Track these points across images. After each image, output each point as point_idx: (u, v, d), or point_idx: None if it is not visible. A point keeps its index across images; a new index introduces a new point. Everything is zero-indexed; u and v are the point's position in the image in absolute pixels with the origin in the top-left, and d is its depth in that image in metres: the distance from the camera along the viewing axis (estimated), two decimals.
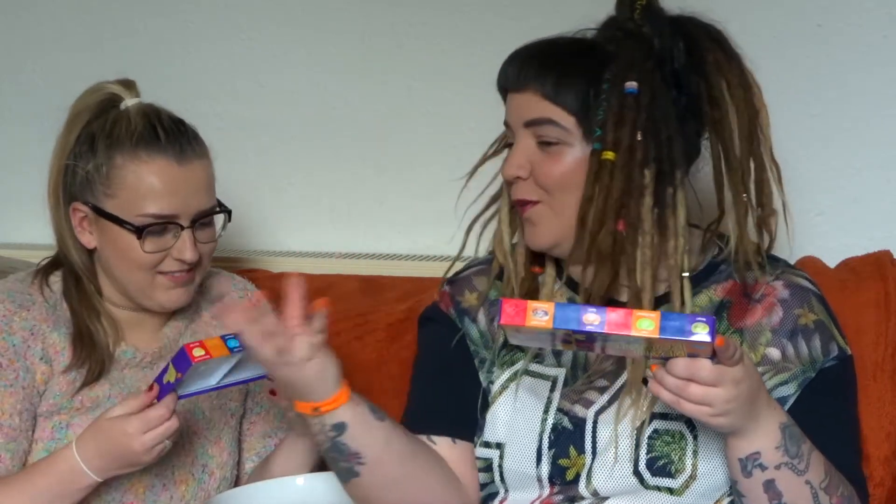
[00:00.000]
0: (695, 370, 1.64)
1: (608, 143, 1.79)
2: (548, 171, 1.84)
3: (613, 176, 1.78)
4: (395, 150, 2.65)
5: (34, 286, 2.10)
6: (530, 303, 1.62)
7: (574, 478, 1.86)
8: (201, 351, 1.87)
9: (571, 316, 1.61)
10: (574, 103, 1.82)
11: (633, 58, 1.81)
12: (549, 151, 1.84)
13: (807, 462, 1.75)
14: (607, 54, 1.83)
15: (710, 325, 1.59)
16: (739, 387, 1.66)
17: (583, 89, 1.81)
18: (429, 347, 2.04)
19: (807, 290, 1.91)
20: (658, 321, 1.59)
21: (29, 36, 2.78)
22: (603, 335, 1.61)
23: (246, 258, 2.60)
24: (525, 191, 1.86)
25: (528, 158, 1.85)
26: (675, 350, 1.63)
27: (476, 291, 1.99)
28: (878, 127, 2.37)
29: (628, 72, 1.80)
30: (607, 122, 1.79)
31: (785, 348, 1.87)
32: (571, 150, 1.83)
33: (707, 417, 1.67)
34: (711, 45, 1.84)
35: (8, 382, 2.02)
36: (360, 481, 1.83)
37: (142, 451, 1.93)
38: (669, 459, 1.83)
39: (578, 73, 1.82)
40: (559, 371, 1.90)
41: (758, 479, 1.74)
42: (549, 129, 1.83)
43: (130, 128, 2.04)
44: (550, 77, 1.82)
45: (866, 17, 2.36)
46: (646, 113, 1.79)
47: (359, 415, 1.80)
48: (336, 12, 2.65)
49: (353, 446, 1.80)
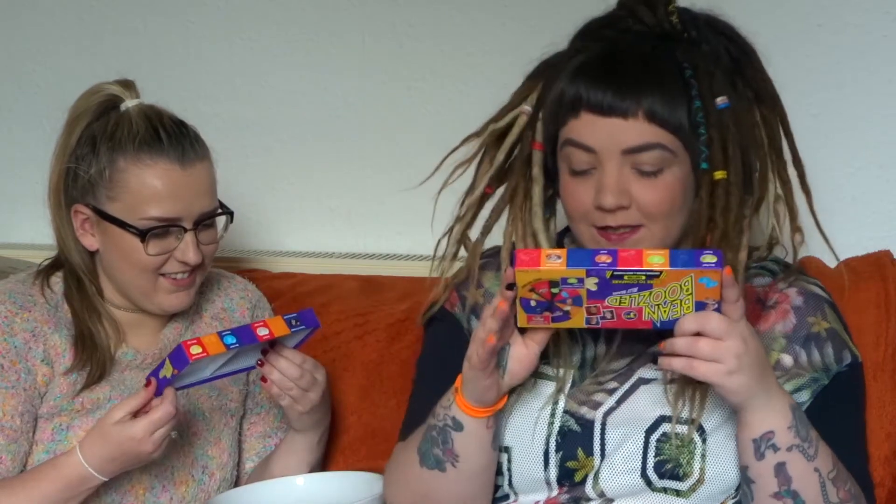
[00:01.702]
0: (704, 320, 1.66)
1: (717, 161, 1.77)
2: (647, 197, 1.79)
3: (730, 194, 1.78)
4: (395, 151, 2.65)
5: (35, 287, 2.10)
6: (543, 249, 1.67)
7: (582, 480, 1.86)
8: (199, 349, 1.89)
9: (584, 257, 1.66)
10: (679, 125, 1.78)
11: (706, 68, 1.79)
12: (650, 177, 1.79)
13: (816, 448, 1.75)
14: (680, 65, 1.80)
15: (717, 256, 1.63)
16: (748, 343, 1.68)
17: (684, 108, 1.78)
18: (433, 348, 2.04)
19: (820, 298, 1.91)
20: (668, 255, 1.64)
21: (29, 36, 2.78)
22: (610, 288, 1.65)
23: (246, 258, 2.60)
24: (626, 217, 1.81)
25: (625, 186, 1.79)
26: (683, 304, 1.66)
27: (482, 287, 1.99)
28: (877, 127, 2.37)
29: (712, 84, 1.79)
30: (713, 140, 1.77)
31: (798, 355, 1.87)
32: (673, 173, 1.79)
33: (723, 377, 1.68)
34: (743, 45, 1.86)
35: (9, 384, 2.02)
36: (438, 476, 1.85)
37: (153, 450, 1.94)
38: (678, 463, 1.83)
39: (675, 91, 1.78)
40: (567, 373, 1.89)
41: (769, 461, 1.74)
42: (653, 155, 1.78)
43: (132, 130, 2.03)
44: (656, 99, 1.77)
45: (866, 17, 2.36)
46: (735, 126, 1.79)
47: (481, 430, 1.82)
48: (336, 12, 2.65)
49: (458, 447, 1.83)
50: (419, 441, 1.87)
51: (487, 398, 1.79)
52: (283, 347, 2.01)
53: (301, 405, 2.04)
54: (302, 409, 2.05)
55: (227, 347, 1.90)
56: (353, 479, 2.05)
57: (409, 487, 1.89)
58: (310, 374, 2.03)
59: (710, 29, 1.85)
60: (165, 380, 1.92)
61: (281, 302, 2.36)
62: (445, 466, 1.84)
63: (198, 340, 1.90)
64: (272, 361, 2.00)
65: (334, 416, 2.25)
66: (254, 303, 2.27)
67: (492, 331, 1.72)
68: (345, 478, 2.07)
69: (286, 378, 2.01)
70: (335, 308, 2.39)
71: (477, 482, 1.87)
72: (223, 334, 1.91)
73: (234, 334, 1.92)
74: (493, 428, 1.83)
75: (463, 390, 1.80)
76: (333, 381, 2.31)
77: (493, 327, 1.72)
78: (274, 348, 2.00)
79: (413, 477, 1.88)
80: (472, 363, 1.76)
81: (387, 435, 2.24)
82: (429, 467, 1.86)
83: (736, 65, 1.84)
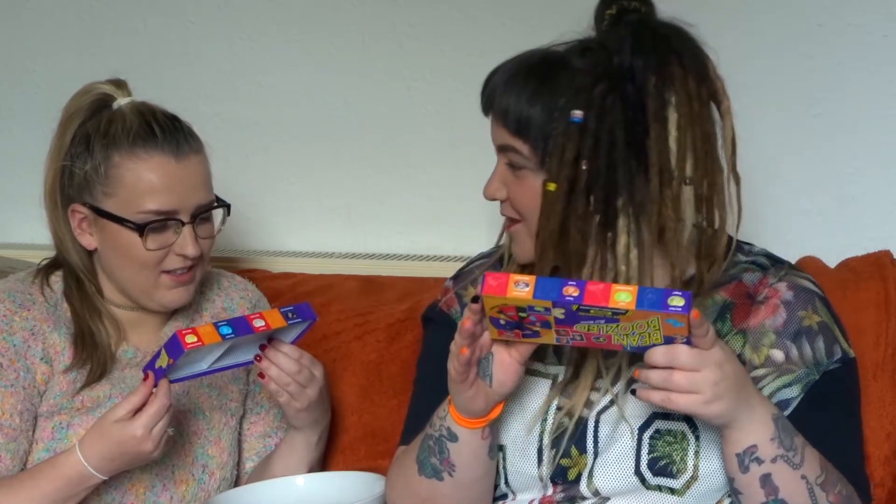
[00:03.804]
0: (673, 355, 1.66)
1: (552, 173, 1.78)
2: (516, 195, 1.85)
3: (554, 207, 1.78)
4: (394, 150, 2.65)
5: (35, 286, 2.10)
6: (512, 275, 1.65)
7: (576, 477, 1.86)
8: (194, 338, 1.89)
9: (552, 287, 1.64)
10: (531, 134, 1.81)
11: (584, 82, 1.78)
12: (518, 176, 1.85)
13: (801, 456, 1.75)
14: (567, 75, 1.80)
15: (686, 299, 1.61)
16: (724, 369, 1.67)
17: (540, 119, 1.80)
18: (430, 350, 2.04)
19: (811, 292, 1.91)
20: (636, 294, 1.62)
21: (29, 36, 2.78)
22: (577, 318, 1.64)
23: (246, 258, 2.60)
24: (508, 209, 1.88)
25: (503, 181, 1.87)
26: (651, 336, 1.65)
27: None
28: (878, 127, 2.37)
29: (577, 98, 1.77)
30: (553, 152, 1.78)
31: (788, 350, 1.86)
32: (534, 176, 1.82)
33: (701, 407, 1.67)
34: (669, 58, 1.78)
35: (8, 382, 2.02)
36: (437, 484, 1.85)
37: (153, 448, 1.94)
38: (671, 460, 1.83)
39: (537, 101, 1.80)
40: (559, 369, 1.90)
41: (755, 473, 1.74)
42: (514, 157, 1.84)
43: (126, 126, 2.04)
44: (511, 107, 1.82)
45: (866, 18, 2.35)
46: (591, 140, 1.76)
47: (475, 440, 1.82)
48: (336, 12, 2.65)
49: (454, 457, 1.83)
50: (417, 449, 1.88)
51: (475, 408, 1.79)
52: (280, 343, 2.01)
53: (299, 401, 2.04)
54: (300, 405, 2.05)
55: (222, 337, 1.91)
56: (353, 479, 2.05)
57: (411, 493, 1.90)
58: (307, 369, 2.03)
59: (633, 41, 1.78)
60: (161, 370, 1.92)
61: (281, 302, 2.36)
62: (443, 476, 1.85)
63: (193, 330, 1.90)
64: (270, 357, 2.00)
65: (334, 416, 2.25)
66: (254, 302, 2.27)
67: (462, 344, 1.73)
68: (345, 478, 2.07)
69: (284, 373, 2.01)
70: (335, 308, 2.39)
71: (475, 489, 1.88)
72: (219, 325, 1.92)
73: (230, 325, 1.93)
74: (488, 438, 1.83)
75: (453, 402, 1.81)
76: (333, 381, 2.31)
77: (462, 342, 1.73)
78: (271, 343, 2.01)
79: (413, 483, 1.89)
80: (450, 376, 1.77)
81: (387, 435, 2.24)
82: (427, 476, 1.86)
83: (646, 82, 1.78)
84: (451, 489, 1.86)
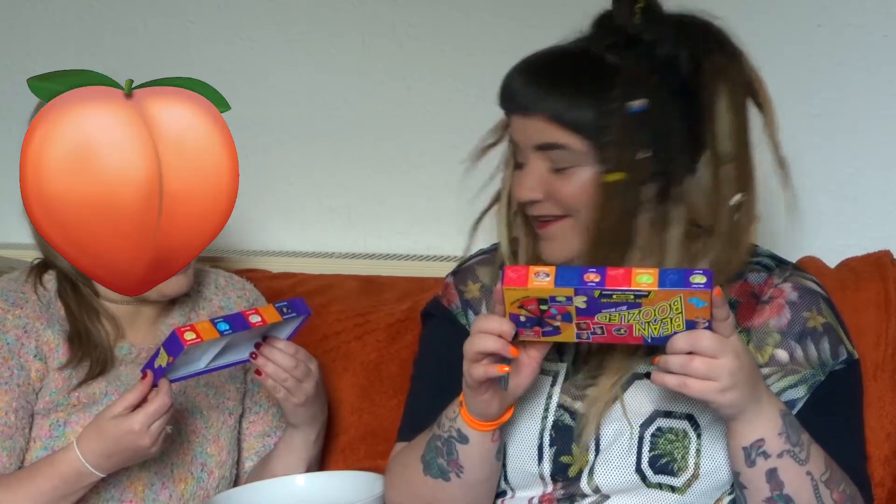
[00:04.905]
0: (695, 340, 1.66)
1: (613, 164, 1.78)
2: (561, 192, 1.82)
3: (616, 197, 1.78)
4: (394, 150, 2.65)
5: (28, 284, 2.11)
6: (532, 266, 1.66)
7: (576, 475, 1.86)
8: (192, 335, 1.90)
9: (573, 275, 1.64)
10: (585, 127, 1.79)
11: (638, 72, 1.79)
12: (564, 173, 1.82)
13: (807, 452, 1.75)
14: (610, 68, 1.80)
15: (707, 276, 1.62)
16: (741, 359, 1.68)
17: (592, 111, 1.79)
18: (429, 345, 2.04)
19: (815, 294, 1.91)
20: (657, 275, 1.63)
21: (29, 36, 2.78)
22: (599, 306, 1.64)
23: (246, 258, 2.60)
24: (547, 208, 1.85)
25: (540, 180, 1.83)
26: (673, 322, 1.65)
27: (479, 282, 2.00)
28: (878, 127, 2.37)
29: (634, 88, 1.78)
30: (614, 143, 1.78)
31: (793, 350, 1.87)
32: (584, 171, 1.81)
33: (716, 395, 1.68)
34: (712, 47, 1.82)
35: (2, 380, 2.03)
36: (443, 485, 1.85)
37: (151, 444, 1.94)
38: (672, 458, 1.83)
39: (586, 94, 1.79)
40: (560, 366, 1.90)
41: (761, 468, 1.74)
42: (559, 154, 1.81)
43: None
44: (559, 101, 1.80)
45: (866, 17, 2.35)
46: (652, 130, 1.77)
47: (486, 443, 1.82)
48: (336, 12, 2.65)
49: (462, 459, 1.83)
50: (423, 449, 1.87)
51: (490, 412, 1.79)
52: (276, 339, 2.02)
53: (296, 397, 2.05)
54: (297, 400, 2.05)
55: (220, 333, 1.92)
56: (353, 479, 2.05)
57: (413, 493, 1.90)
58: (304, 363, 2.04)
59: (675, 32, 1.82)
60: (161, 369, 1.93)
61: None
62: (450, 476, 1.85)
63: (191, 327, 1.91)
64: (266, 353, 2.01)
65: (334, 416, 2.25)
66: (251, 302, 2.27)
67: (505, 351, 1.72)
68: (345, 478, 2.07)
69: (281, 369, 2.02)
70: (335, 308, 2.40)
71: (481, 490, 1.88)
72: (216, 321, 1.93)
73: (226, 321, 1.94)
74: (498, 441, 1.83)
75: (465, 404, 1.80)
76: (333, 381, 2.31)
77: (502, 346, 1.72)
78: (267, 340, 2.01)
79: (417, 483, 1.88)
80: (466, 381, 1.77)
81: (387, 435, 2.24)
82: (433, 476, 1.86)
83: (696, 71, 1.81)
84: (457, 490, 1.86)
